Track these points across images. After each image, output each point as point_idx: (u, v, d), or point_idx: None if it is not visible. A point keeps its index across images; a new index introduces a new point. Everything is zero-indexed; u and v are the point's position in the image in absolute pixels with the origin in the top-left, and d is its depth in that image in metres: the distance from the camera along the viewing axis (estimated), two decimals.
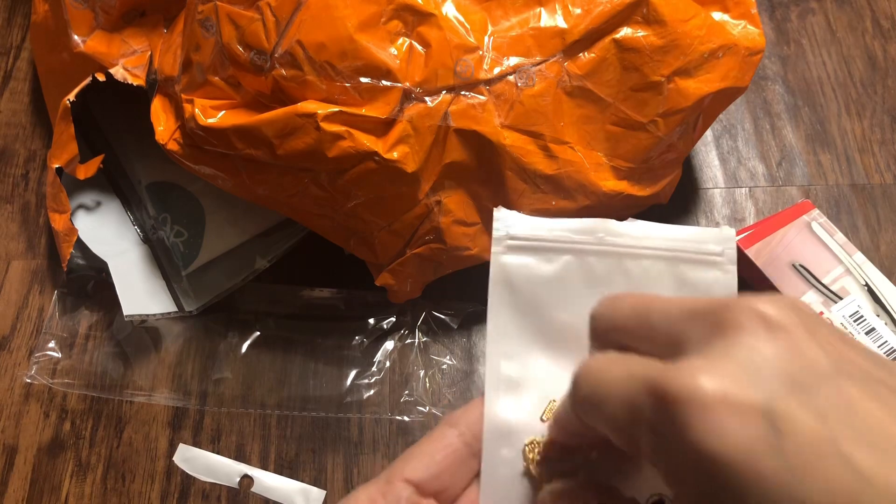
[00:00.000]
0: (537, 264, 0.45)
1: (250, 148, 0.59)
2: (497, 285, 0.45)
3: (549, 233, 0.45)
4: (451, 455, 0.42)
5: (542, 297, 0.45)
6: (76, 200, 0.75)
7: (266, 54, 0.57)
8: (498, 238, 0.46)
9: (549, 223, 0.45)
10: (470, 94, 0.59)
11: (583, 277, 0.45)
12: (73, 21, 0.69)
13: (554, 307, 0.45)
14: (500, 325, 0.45)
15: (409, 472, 0.41)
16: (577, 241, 0.45)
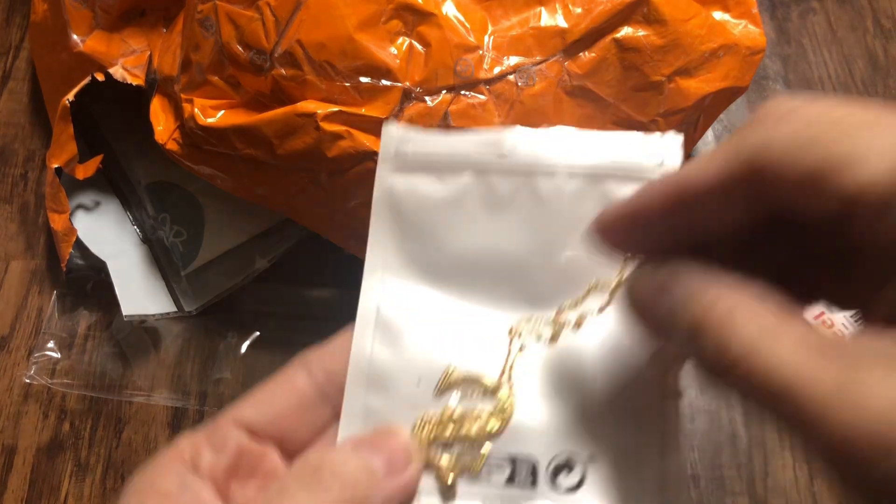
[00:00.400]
0: (430, 185, 0.39)
1: (250, 148, 0.59)
2: (381, 210, 0.40)
3: (446, 148, 0.39)
4: (296, 399, 0.38)
5: (435, 223, 0.38)
6: (75, 200, 0.75)
7: (266, 54, 0.57)
8: (385, 155, 0.40)
9: (447, 137, 0.39)
10: (470, 93, 0.59)
11: (483, 200, 0.38)
12: (72, 21, 0.69)
13: (447, 236, 0.38)
14: (381, 258, 0.40)
15: (240, 413, 0.38)
16: (479, 157, 0.38)
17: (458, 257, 0.38)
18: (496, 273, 0.38)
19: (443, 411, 0.36)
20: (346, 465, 0.34)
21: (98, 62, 0.68)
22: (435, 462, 0.36)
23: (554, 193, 0.37)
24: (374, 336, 0.38)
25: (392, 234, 0.40)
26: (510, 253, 0.38)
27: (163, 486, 0.35)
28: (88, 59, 0.69)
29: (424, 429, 0.36)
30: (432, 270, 0.39)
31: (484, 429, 0.36)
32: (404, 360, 0.38)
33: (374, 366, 0.38)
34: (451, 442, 0.36)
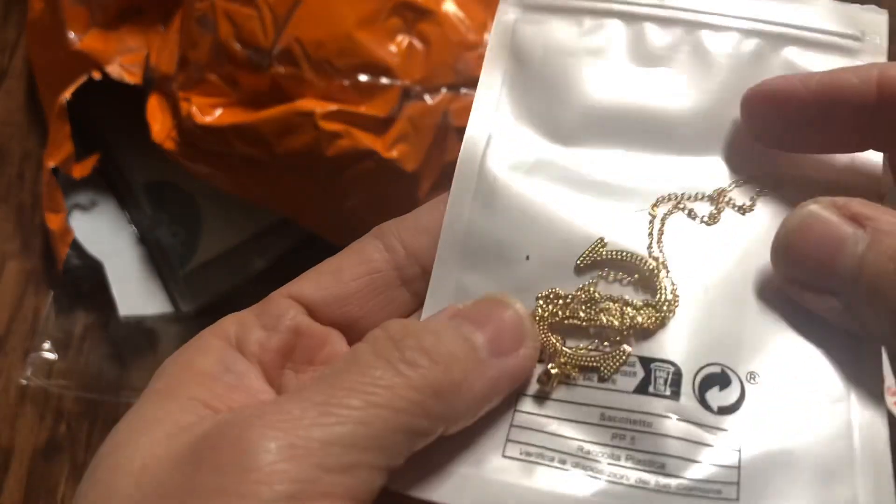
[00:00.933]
0: (566, 29, 0.33)
1: (248, 146, 0.58)
2: (498, 56, 0.33)
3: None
4: (368, 276, 0.32)
5: (567, 74, 0.32)
6: (72, 200, 0.75)
7: (264, 52, 0.57)
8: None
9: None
10: (470, 91, 0.59)
11: (631, 51, 0.32)
12: (68, 19, 0.69)
13: (582, 90, 0.32)
14: (492, 108, 0.33)
15: (299, 289, 0.32)
16: (629, 2, 0.32)
17: (593, 115, 0.32)
18: (641, 137, 0.32)
19: (581, 289, 0.30)
20: (438, 337, 0.27)
21: (95, 60, 0.68)
22: (553, 350, 0.29)
23: (723, 52, 0.32)
24: (474, 197, 0.32)
25: (511, 84, 0.33)
26: (661, 115, 0.32)
27: (201, 366, 0.29)
28: (85, 57, 0.68)
29: (550, 306, 0.30)
30: (558, 127, 0.32)
31: (632, 321, 0.29)
32: (511, 228, 0.31)
33: (472, 234, 0.31)
34: (582, 330, 0.30)
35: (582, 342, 0.29)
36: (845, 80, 0.28)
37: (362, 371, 0.26)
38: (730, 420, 0.27)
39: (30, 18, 0.76)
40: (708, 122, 0.32)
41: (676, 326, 0.29)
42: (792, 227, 0.28)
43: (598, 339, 0.29)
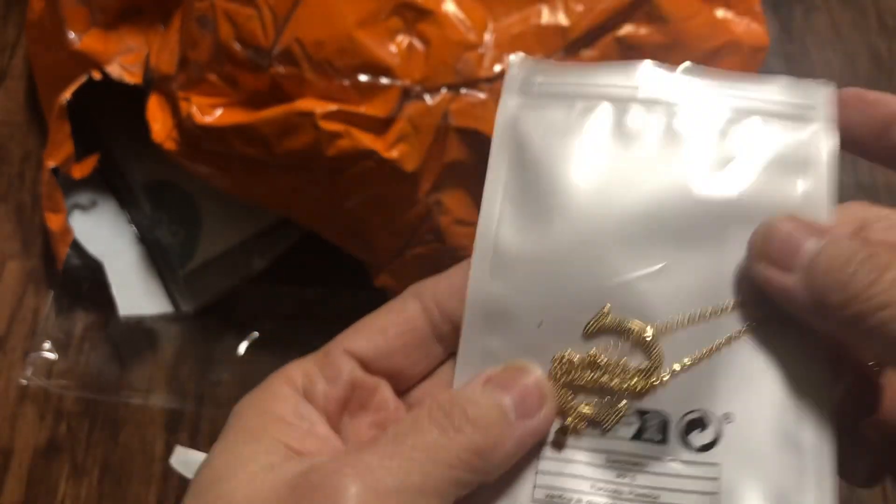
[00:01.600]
0: (559, 113, 0.37)
1: (248, 146, 0.58)
2: (503, 140, 0.37)
3: (578, 77, 0.37)
4: (409, 333, 0.37)
5: (562, 153, 0.36)
6: (72, 200, 0.75)
7: (264, 52, 0.57)
8: (510, 85, 0.38)
9: (578, 67, 0.38)
10: (470, 92, 0.59)
11: (616, 131, 0.36)
12: (68, 18, 0.69)
13: (576, 166, 0.36)
14: (501, 187, 0.37)
15: (353, 344, 0.38)
16: (613, 87, 0.37)
17: (586, 189, 0.36)
18: (625, 209, 0.35)
19: (589, 355, 0.35)
20: (477, 405, 0.33)
21: (95, 60, 0.68)
22: (566, 407, 0.35)
23: (695, 128, 0.36)
24: (491, 271, 0.36)
25: (514, 164, 0.37)
26: (643, 187, 0.35)
27: (280, 412, 0.36)
28: (85, 57, 0.68)
29: (561, 370, 0.35)
30: (557, 202, 0.36)
31: (628, 384, 0.34)
32: (525, 298, 0.35)
33: (491, 303, 0.36)
34: (588, 389, 0.35)
35: (589, 398, 0.35)
36: None
37: (423, 434, 0.32)
38: (709, 455, 0.34)
39: (29, 18, 0.76)
40: (681, 191, 0.35)
41: (666, 382, 0.34)
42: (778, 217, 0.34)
43: (601, 397, 0.35)
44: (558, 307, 0.35)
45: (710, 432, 0.33)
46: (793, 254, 0.32)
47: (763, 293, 0.33)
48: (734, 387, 0.34)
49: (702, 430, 0.33)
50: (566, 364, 0.35)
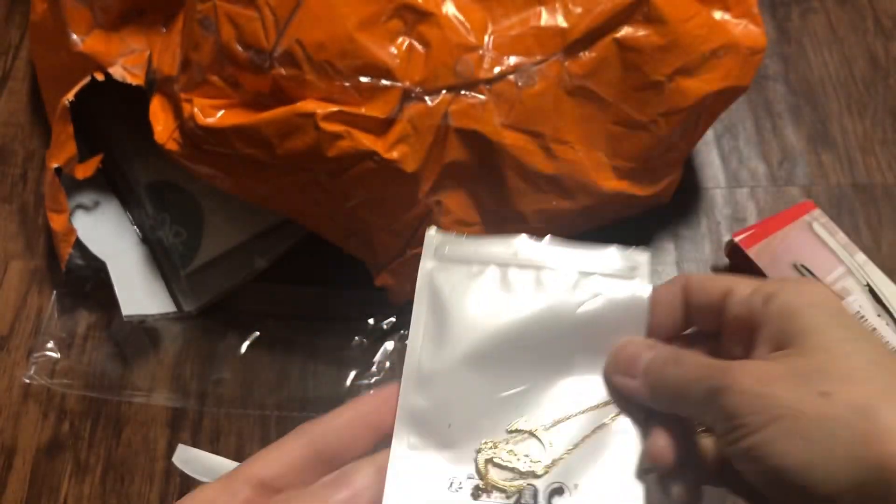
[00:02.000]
0: (461, 272, 0.49)
1: (249, 147, 0.59)
2: (422, 291, 0.49)
3: (474, 247, 0.50)
4: (300, 458, 0.44)
5: (463, 301, 0.48)
6: (75, 200, 0.75)
7: (265, 53, 0.57)
8: (427, 253, 0.50)
9: (476, 240, 0.50)
10: (470, 93, 0.59)
11: (501, 285, 0.49)
12: (71, 20, 0.69)
13: (473, 310, 0.48)
14: (422, 323, 0.49)
15: (251, 469, 0.43)
16: (499, 255, 0.50)
17: (476, 326, 0.47)
18: (505, 341, 0.47)
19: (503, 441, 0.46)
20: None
21: (97, 62, 0.68)
22: (484, 474, 0.45)
23: (555, 283, 0.48)
24: (415, 386, 0.46)
25: (430, 308, 0.49)
26: (516, 325, 0.47)
27: None
28: (88, 58, 0.69)
29: (486, 449, 0.46)
30: (457, 335, 0.47)
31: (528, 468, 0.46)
32: (438, 407, 0.46)
33: (415, 410, 0.46)
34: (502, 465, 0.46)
35: (502, 473, 0.45)
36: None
37: None
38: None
39: (32, 20, 0.76)
40: (546, 328, 0.47)
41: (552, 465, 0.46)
42: (624, 343, 0.47)
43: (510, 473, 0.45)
44: (462, 412, 0.46)
45: (567, 497, 0.45)
46: (634, 364, 0.46)
47: (618, 395, 0.47)
48: (585, 463, 0.46)
49: (560, 496, 0.45)
50: (490, 446, 0.46)
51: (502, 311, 0.48)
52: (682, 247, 0.78)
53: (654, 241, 0.79)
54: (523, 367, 0.48)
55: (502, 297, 0.48)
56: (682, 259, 0.78)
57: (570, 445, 0.47)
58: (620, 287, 0.48)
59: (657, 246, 0.78)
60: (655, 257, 0.78)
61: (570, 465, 0.46)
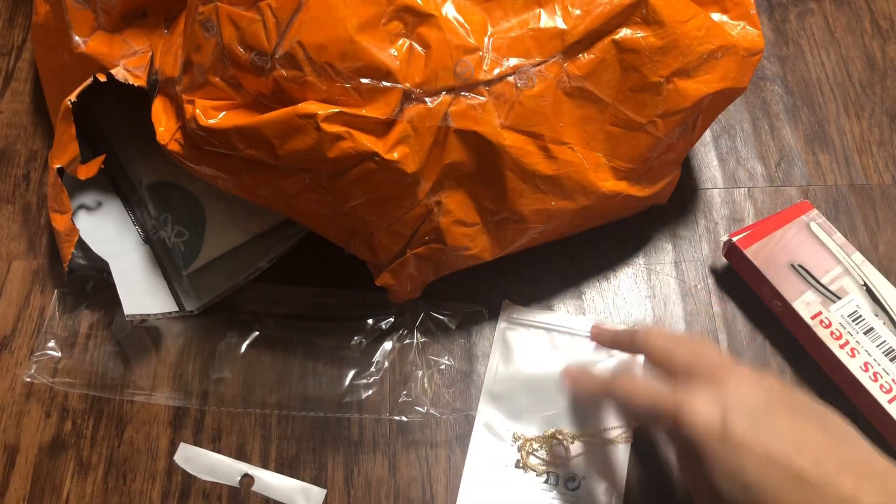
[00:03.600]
0: (524, 333, 0.74)
1: (251, 148, 0.59)
2: (498, 340, 0.74)
3: (534, 316, 0.74)
4: None
5: (522, 349, 0.73)
6: (77, 200, 0.75)
7: (266, 55, 0.57)
8: (503, 314, 0.75)
9: (536, 314, 0.74)
10: (470, 94, 0.59)
11: (549, 346, 0.73)
12: (73, 22, 0.69)
13: (529, 358, 0.73)
14: (498, 356, 0.73)
15: None
16: (549, 323, 0.74)
17: (529, 364, 0.73)
18: (550, 379, 0.71)
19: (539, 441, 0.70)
20: None
21: (100, 63, 0.69)
22: (524, 459, 0.69)
23: (583, 346, 0.72)
24: (491, 385, 0.72)
25: (502, 350, 0.74)
26: (552, 368, 0.69)
27: None
28: (90, 59, 0.69)
29: (527, 445, 0.69)
30: (517, 368, 0.72)
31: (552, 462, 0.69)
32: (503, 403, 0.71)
33: (492, 395, 0.72)
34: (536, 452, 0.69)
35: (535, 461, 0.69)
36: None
37: None
38: (573, 493, 0.68)
39: (35, 22, 0.76)
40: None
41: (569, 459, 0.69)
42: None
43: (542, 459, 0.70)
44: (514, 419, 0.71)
45: (576, 482, 0.68)
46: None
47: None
48: (591, 463, 0.69)
49: (573, 482, 0.69)
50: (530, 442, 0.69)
51: (548, 361, 0.72)
52: (680, 247, 0.79)
53: (653, 241, 0.79)
54: (557, 398, 0.70)
55: (549, 352, 0.73)
56: (680, 259, 0.78)
57: (582, 451, 0.69)
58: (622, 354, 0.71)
59: (656, 246, 0.79)
60: (654, 257, 0.78)
61: (581, 463, 0.69)
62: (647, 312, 0.75)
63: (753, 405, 0.53)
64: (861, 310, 0.71)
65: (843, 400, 0.70)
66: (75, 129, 0.67)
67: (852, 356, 0.69)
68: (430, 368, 0.72)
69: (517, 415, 0.70)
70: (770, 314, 0.74)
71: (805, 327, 0.71)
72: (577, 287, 0.76)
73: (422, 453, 0.69)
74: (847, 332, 0.70)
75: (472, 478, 0.68)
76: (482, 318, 0.74)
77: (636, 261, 0.78)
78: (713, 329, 0.75)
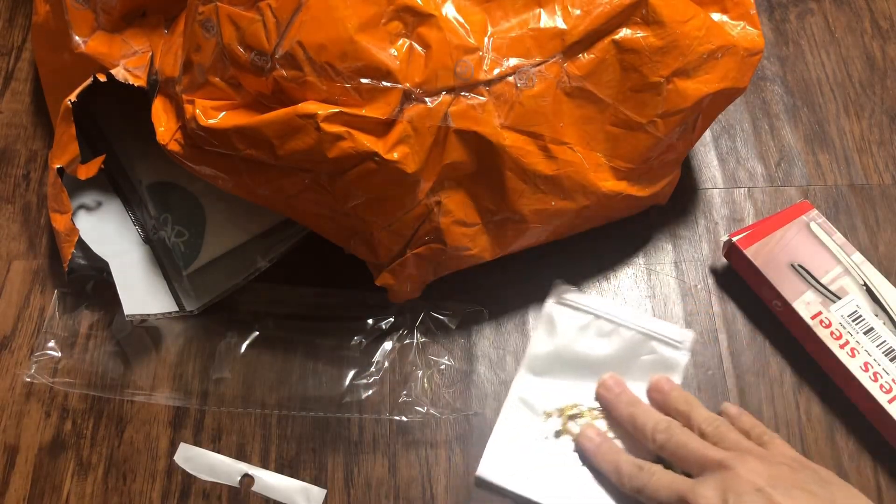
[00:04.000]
0: (571, 316, 0.74)
1: (251, 148, 0.59)
2: (545, 315, 0.74)
3: (581, 301, 0.74)
4: None
5: (568, 334, 0.73)
6: (77, 200, 0.75)
7: (266, 55, 0.57)
8: (551, 295, 0.75)
9: (586, 298, 0.75)
10: (470, 94, 0.59)
11: (595, 331, 0.73)
12: (73, 22, 0.69)
13: (573, 342, 0.73)
14: (542, 329, 0.74)
15: None
16: (595, 308, 0.74)
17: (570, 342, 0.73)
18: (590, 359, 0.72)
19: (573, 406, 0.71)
20: None
21: (100, 63, 0.69)
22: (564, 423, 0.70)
23: (629, 338, 0.73)
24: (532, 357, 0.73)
25: (547, 325, 0.74)
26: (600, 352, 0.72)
27: None
28: (90, 59, 0.69)
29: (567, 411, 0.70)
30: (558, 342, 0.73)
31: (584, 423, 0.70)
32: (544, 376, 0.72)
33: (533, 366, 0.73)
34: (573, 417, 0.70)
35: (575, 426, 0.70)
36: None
37: None
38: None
39: (36, 22, 0.76)
40: (614, 361, 0.72)
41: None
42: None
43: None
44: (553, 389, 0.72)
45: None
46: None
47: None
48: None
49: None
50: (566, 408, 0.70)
51: (591, 345, 0.73)
52: (680, 247, 0.79)
53: (653, 241, 0.79)
54: (595, 377, 0.71)
55: (594, 336, 0.73)
56: (680, 259, 0.78)
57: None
58: (670, 352, 0.72)
59: (656, 246, 0.79)
60: (654, 257, 0.78)
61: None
62: (647, 312, 0.75)
63: (755, 486, 0.57)
64: (861, 310, 0.71)
65: (843, 400, 0.70)
66: (75, 130, 0.67)
67: (852, 356, 0.69)
68: (430, 368, 0.72)
69: (554, 391, 0.71)
70: (770, 314, 0.74)
71: (805, 327, 0.71)
72: (578, 287, 0.76)
73: (422, 453, 0.69)
74: (847, 332, 0.70)
75: (499, 444, 0.68)
76: (482, 318, 0.74)
77: (636, 261, 0.78)
78: (713, 329, 0.75)
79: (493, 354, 0.73)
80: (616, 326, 0.73)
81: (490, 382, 0.72)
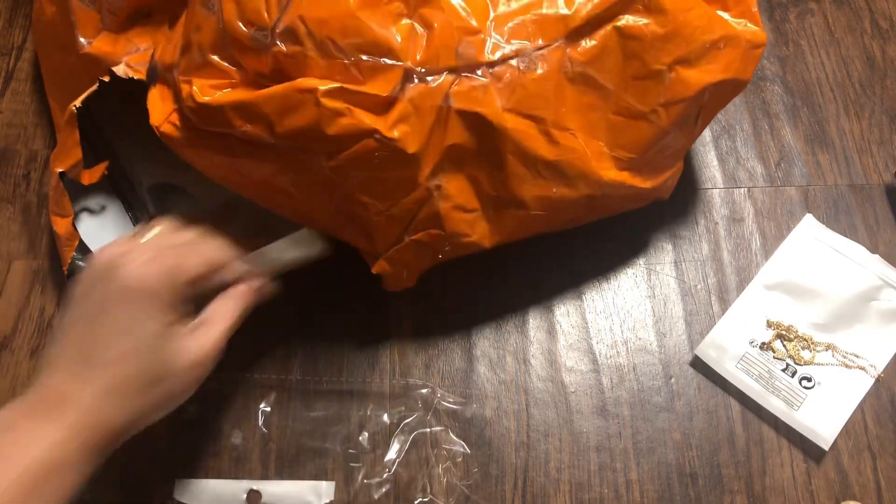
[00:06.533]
0: (819, 247, 0.78)
1: (248, 124, 0.58)
2: (791, 243, 0.79)
3: (833, 239, 0.78)
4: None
5: (811, 261, 0.77)
6: (81, 204, 0.75)
7: (267, 30, 0.57)
8: (804, 224, 0.80)
9: (836, 237, 0.78)
10: (472, 75, 0.59)
11: (837, 266, 0.77)
12: (79, 22, 0.70)
13: (813, 270, 0.77)
14: (778, 260, 0.78)
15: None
16: (843, 251, 0.78)
17: (818, 273, 0.77)
18: (827, 290, 0.76)
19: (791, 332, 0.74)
20: None
21: (104, 63, 0.69)
22: (771, 339, 0.74)
23: (865, 280, 0.76)
24: (765, 279, 0.77)
25: (788, 254, 0.78)
26: (838, 286, 0.76)
27: None
28: (95, 60, 0.69)
29: (779, 329, 0.74)
30: (806, 274, 0.77)
31: (795, 357, 0.73)
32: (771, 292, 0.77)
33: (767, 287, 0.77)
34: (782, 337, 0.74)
35: (780, 347, 0.75)
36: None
37: None
38: (805, 391, 0.73)
39: (41, 22, 0.77)
40: (847, 296, 0.76)
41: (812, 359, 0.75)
42: None
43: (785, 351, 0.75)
44: (784, 307, 0.76)
45: (811, 384, 0.72)
46: None
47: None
48: (830, 376, 0.73)
49: (809, 382, 0.72)
50: (782, 331, 0.74)
51: (829, 279, 0.76)
52: (679, 246, 0.79)
53: (653, 241, 0.79)
54: (822, 309, 0.75)
55: (834, 272, 0.77)
56: (680, 259, 0.78)
57: (826, 363, 0.73)
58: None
59: (656, 246, 0.79)
60: (654, 257, 0.78)
61: (821, 372, 0.72)
62: (647, 312, 0.75)
63: None
64: None
65: None
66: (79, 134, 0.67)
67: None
68: (444, 462, 0.69)
69: (780, 307, 0.75)
70: None
71: None
72: (577, 287, 0.76)
73: None
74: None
75: (723, 330, 0.75)
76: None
77: (636, 261, 0.78)
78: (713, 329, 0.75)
79: (493, 354, 0.73)
80: (858, 267, 0.77)
81: (490, 382, 0.72)
